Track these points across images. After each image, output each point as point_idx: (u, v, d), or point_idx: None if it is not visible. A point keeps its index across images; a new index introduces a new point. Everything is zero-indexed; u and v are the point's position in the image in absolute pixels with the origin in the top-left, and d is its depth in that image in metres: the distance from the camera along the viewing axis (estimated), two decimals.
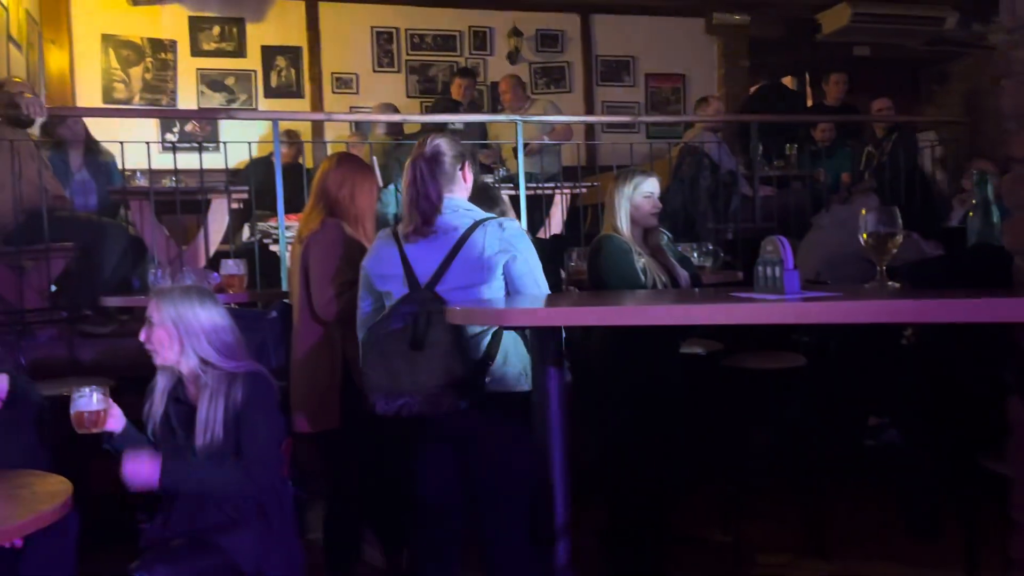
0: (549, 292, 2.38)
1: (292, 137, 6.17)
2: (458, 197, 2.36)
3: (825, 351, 3.86)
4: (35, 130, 4.49)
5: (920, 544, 3.29)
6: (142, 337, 2.27)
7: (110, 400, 2.23)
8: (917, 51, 8.21)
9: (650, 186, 3.05)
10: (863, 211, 1.92)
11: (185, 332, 2.25)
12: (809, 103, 8.31)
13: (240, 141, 4.93)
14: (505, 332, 2.30)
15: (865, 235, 1.90)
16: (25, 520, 1.71)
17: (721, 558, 3.28)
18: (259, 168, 5.63)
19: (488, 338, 2.27)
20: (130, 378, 3.04)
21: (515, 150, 4.90)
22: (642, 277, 2.91)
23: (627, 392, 2.96)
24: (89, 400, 2.16)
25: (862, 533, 3.47)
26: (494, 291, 2.29)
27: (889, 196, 5.25)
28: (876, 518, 3.57)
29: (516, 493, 2.28)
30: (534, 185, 5.07)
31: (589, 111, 7.76)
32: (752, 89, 7.85)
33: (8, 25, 5.32)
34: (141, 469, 2.14)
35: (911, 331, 3.45)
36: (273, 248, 4.66)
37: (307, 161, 6.26)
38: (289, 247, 3.96)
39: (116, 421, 2.24)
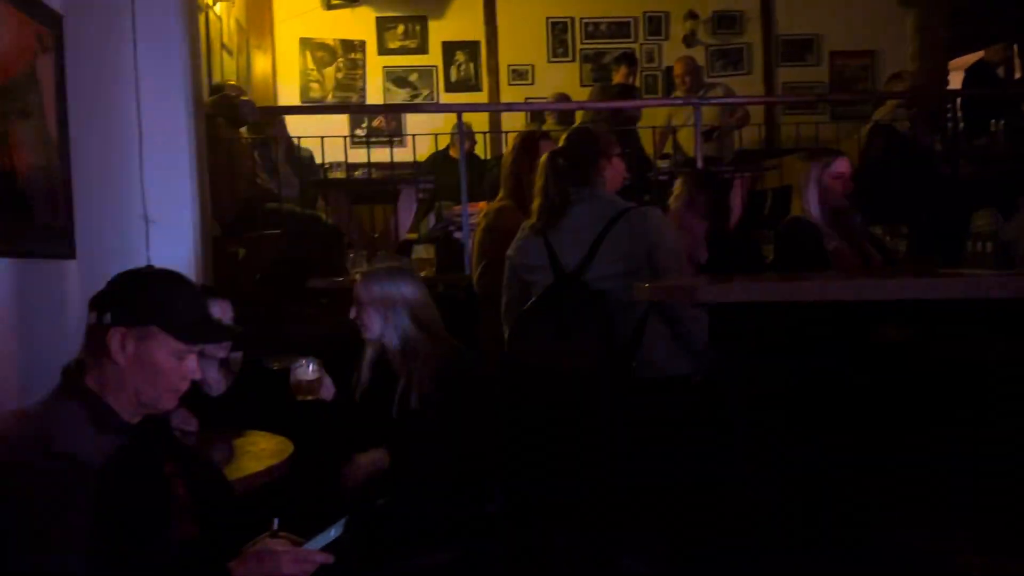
0: None
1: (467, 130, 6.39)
2: (601, 188, 2.42)
3: None
4: (244, 129, 4.93)
5: None
6: (351, 315, 2.46)
7: (324, 371, 2.43)
8: None
9: (841, 166, 2.95)
10: None
11: (390, 308, 2.42)
12: (1017, 75, 7.63)
13: (425, 133, 5.18)
14: (651, 318, 2.33)
15: None
16: (258, 471, 1.92)
17: None
18: (436, 161, 5.89)
19: (634, 325, 2.31)
20: (331, 356, 3.30)
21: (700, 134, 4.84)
22: (832, 260, 2.84)
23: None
24: (307, 370, 2.38)
25: None
26: (640, 279, 2.32)
27: None
28: None
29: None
30: (714, 170, 4.99)
31: (769, 94, 7.51)
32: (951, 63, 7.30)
33: (221, 34, 5.85)
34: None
35: None
36: (457, 235, 4.86)
37: (486, 153, 6.47)
38: (472, 234, 4.15)
39: (327, 390, 2.45)
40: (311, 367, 2.40)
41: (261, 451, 2.14)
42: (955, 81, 6.86)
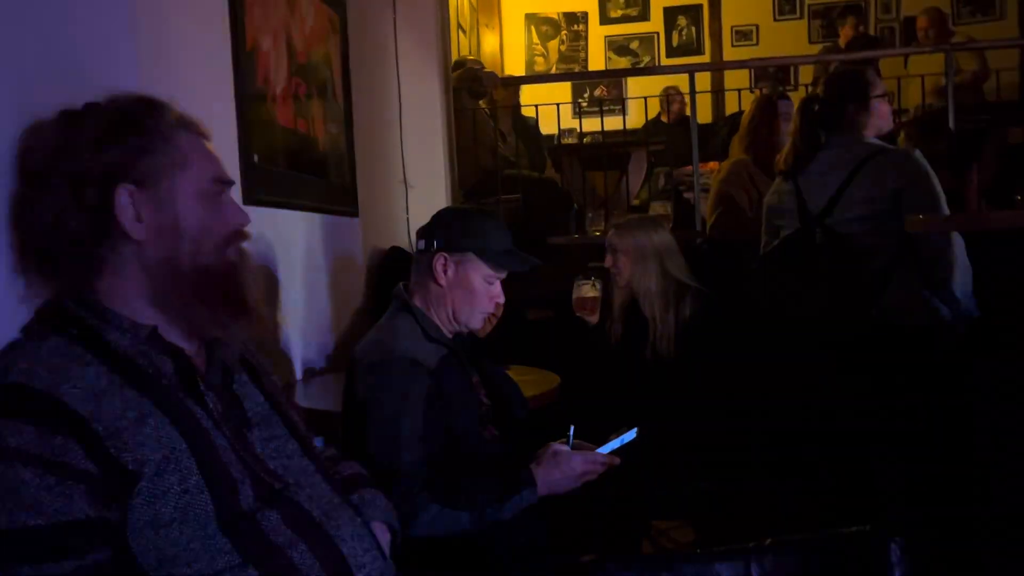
0: None
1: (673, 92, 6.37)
2: (857, 130, 2.39)
3: None
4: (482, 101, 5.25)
5: None
6: (607, 263, 2.62)
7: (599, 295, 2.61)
8: None
9: None
10: None
11: (642, 255, 2.56)
12: None
13: (651, 96, 5.24)
14: (900, 263, 2.29)
15: None
16: (535, 395, 2.15)
17: None
18: (648, 128, 5.97)
19: (879, 269, 2.28)
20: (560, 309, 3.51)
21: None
22: None
23: None
24: (590, 287, 2.57)
25: None
26: (887, 223, 2.28)
27: None
28: None
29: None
30: (967, 118, 4.68)
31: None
32: None
33: (457, 14, 6.22)
34: None
35: None
36: (688, 195, 4.92)
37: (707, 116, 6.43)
38: (703, 194, 4.22)
39: (595, 316, 2.63)
40: (597, 284, 2.58)
41: (532, 380, 2.38)
42: None
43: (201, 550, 0.92)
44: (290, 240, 2.47)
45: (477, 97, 4.90)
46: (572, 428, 1.67)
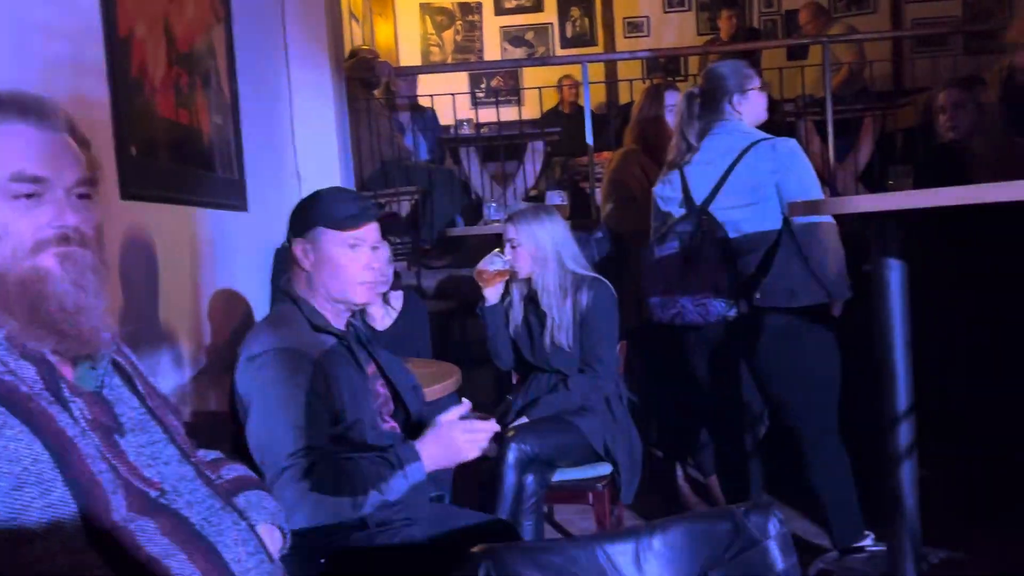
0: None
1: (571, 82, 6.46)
2: (736, 121, 2.49)
3: None
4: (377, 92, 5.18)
5: None
6: (506, 255, 2.63)
7: (508, 273, 2.61)
8: None
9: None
10: None
11: (538, 246, 2.58)
12: None
13: (547, 86, 5.28)
14: (780, 248, 2.40)
15: None
16: (439, 385, 2.14)
17: None
18: (549, 118, 6.03)
19: (761, 254, 2.39)
20: (463, 302, 3.53)
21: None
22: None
23: None
24: (494, 262, 2.57)
25: None
26: (768, 210, 2.40)
27: None
28: None
29: (811, 394, 2.41)
30: (842, 108, 4.91)
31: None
32: None
33: (349, 3, 6.12)
34: None
35: None
36: (583, 185, 4.99)
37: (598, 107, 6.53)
38: (599, 182, 4.28)
39: (495, 293, 2.64)
40: (500, 261, 2.58)
41: (431, 373, 2.36)
42: None
43: (69, 568, 0.87)
44: (174, 237, 2.38)
45: (371, 87, 4.83)
46: (464, 401, 1.66)
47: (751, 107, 2.54)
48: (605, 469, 2.53)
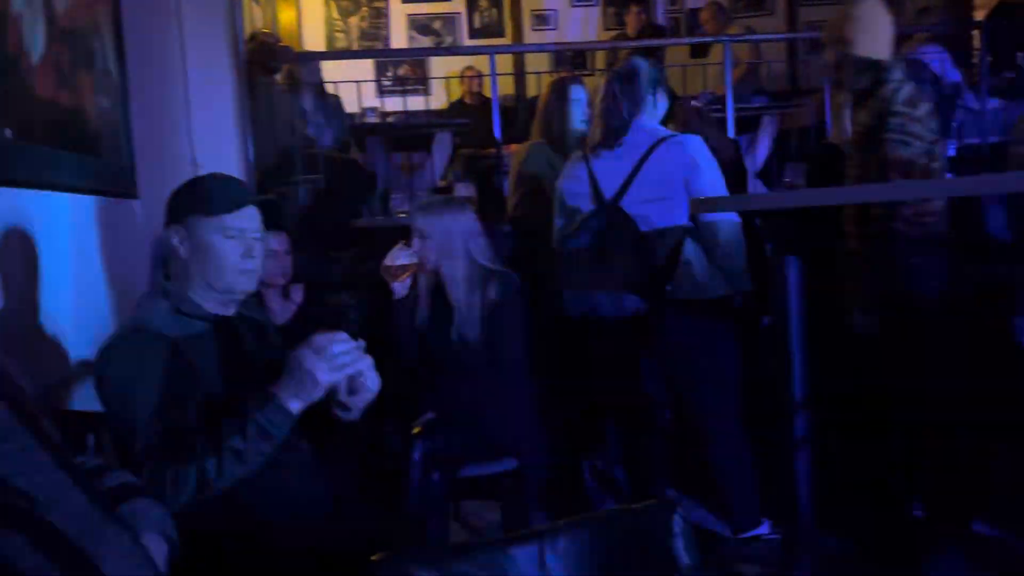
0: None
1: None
2: (646, 118, 2.54)
3: None
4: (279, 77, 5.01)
5: None
6: (414, 247, 2.58)
7: (415, 267, 2.56)
8: None
9: None
10: None
11: (447, 239, 2.54)
12: None
13: (454, 76, 5.24)
14: (687, 242, 2.46)
15: None
16: None
17: None
18: (454, 109, 5.99)
19: (670, 248, 2.45)
20: (369, 294, 3.44)
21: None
22: None
23: None
24: (400, 256, 2.52)
25: None
26: (676, 205, 2.45)
27: None
28: None
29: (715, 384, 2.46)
30: (744, 106, 5.04)
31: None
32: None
33: None
34: None
35: None
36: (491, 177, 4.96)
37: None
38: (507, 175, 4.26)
39: (403, 288, 2.60)
40: (405, 255, 2.54)
41: None
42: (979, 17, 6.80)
43: None
44: (53, 225, 2.23)
45: (272, 72, 4.67)
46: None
47: (660, 105, 2.59)
48: (511, 464, 2.52)
